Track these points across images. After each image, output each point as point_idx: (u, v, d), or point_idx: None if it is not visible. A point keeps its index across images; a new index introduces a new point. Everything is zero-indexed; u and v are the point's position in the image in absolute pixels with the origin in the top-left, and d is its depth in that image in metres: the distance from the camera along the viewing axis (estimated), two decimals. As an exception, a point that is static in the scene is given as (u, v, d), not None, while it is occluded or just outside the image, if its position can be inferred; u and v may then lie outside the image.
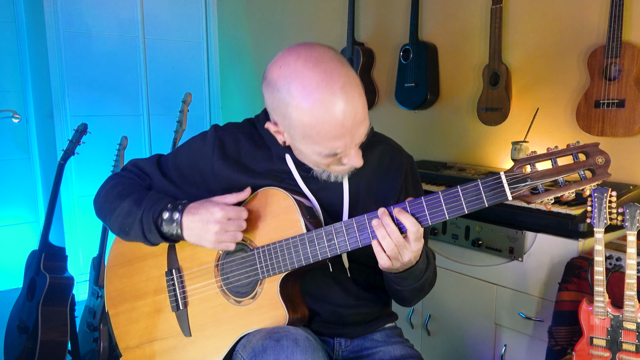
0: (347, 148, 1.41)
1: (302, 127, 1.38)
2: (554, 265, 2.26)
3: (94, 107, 4.47)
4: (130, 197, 1.55)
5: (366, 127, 1.42)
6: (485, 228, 2.49)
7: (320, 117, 1.34)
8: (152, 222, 1.49)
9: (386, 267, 1.41)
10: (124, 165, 1.75)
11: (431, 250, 1.67)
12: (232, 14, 4.95)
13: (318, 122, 1.35)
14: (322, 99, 1.33)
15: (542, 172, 1.30)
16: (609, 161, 1.29)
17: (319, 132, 1.37)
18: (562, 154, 1.30)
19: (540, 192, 1.31)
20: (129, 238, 1.57)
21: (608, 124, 2.45)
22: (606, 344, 1.91)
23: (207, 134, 1.65)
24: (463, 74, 3.16)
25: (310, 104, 1.34)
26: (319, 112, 1.34)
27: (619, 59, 2.39)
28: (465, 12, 3.12)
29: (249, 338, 1.44)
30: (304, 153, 1.49)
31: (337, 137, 1.37)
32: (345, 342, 1.66)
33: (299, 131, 1.40)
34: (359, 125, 1.39)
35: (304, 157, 1.51)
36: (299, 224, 1.46)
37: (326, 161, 1.46)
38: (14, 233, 4.46)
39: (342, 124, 1.35)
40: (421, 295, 1.62)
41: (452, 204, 1.34)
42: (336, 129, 1.36)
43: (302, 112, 1.35)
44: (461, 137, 3.21)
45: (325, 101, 1.33)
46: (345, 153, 1.44)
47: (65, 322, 2.95)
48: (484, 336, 2.54)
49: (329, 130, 1.36)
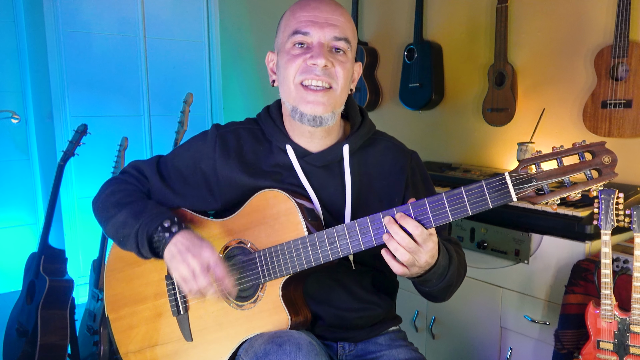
0: (315, 33, 1.49)
1: (283, 21, 1.56)
2: (561, 267, 2.25)
3: (94, 108, 4.47)
4: (128, 208, 1.55)
5: (340, 33, 1.51)
6: (491, 230, 2.48)
7: (300, 3, 1.53)
8: (146, 238, 1.48)
9: (402, 273, 1.40)
10: (124, 167, 1.75)
11: (454, 240, 1.66)
12: (234, 13, 4.96)
13: (296, 6, 1.53)
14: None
15: (548, 172, 1.28)
16: (615, 160, 1.27)
17: (294, 12, 1.52)
18: (567, 153, 1.28)
19: (545, 193, 1.29)
20: (124, 248, 1.57)
21: (615, 124, 2.44)
22: (613, 348, 1.91)
23: (208, 133, 1.65)
24: (468, 74, 3.16)
25: (296, 3, 1.54)
26: (300, 2, 1.54)
27: (626, 59, 2.38)
28: (470, 11, 3.12)
29: (251, 343, 1.42)
30: (281, 56, 1.56)
31: (308, 16, 1.50)
32: (348, 346, 1.65)
33: (281, 31, 1.56)
34: (333, 22, 1.50)
35: (281, 69, 1.56)
36: (300, 226, 1.44)
37: (295, 54, 1.51)
38: (13, 235, 4.45)
39: (316, 6, 1.50)
40: (453, 289, 1.60)
41: (456, 206, 1.33)
42: (309, 6, 1.51)
43: (287, 12, 1.56)
44: (466, 138, 3.21)
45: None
46: (312, 45, 1.50)
47: (65, 325, 2.95)
48: (490, 340, 2.53)
49: (303, 6, 1.51)
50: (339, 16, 1.51)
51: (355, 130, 1.62)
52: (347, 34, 1.51)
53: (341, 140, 1.62)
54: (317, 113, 1.49)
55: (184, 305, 1.58)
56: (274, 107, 1.66)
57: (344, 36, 1.50)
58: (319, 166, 1.57)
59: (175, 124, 3.23)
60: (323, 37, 1.49)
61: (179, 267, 1.42)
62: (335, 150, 1.58)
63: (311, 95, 1.49)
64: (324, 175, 1.57)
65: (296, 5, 1.54)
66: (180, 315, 1.58)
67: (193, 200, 1.62)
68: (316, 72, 1.47)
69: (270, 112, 1.65)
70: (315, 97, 1.49)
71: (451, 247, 1.57)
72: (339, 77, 1.50)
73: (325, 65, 1.47)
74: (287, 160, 1.57)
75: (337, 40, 1.50)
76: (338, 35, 1.49)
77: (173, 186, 1.64)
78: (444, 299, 1.63)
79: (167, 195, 1.63)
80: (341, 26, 1.50)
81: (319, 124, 1.51)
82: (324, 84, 1.49)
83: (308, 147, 1.58)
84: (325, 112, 1.50)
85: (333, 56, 1.50)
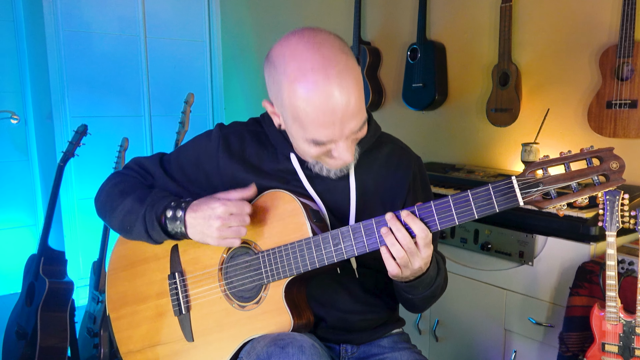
0: (336, 138, 1.37)
1: (293, 109, 1.35)
2: (565, 269, 2.24)
3: (94, 108, 4.47)
4: (133, 195, 1.54)
5: (359, 121, 1.38)
6: (495, 231, 2.47)
7: (311, 101, 1.31)
8: (155, 219, 1.47)
9: (395, 274, 1.40)
10: (126, 163, 1.74)
11: (441, 254, 1.66)
12: (236, 12, 4.96)
13: (308, 105, 1.32)
14: (315, 81, 1.30)
15: (555, 177, 1.29)
16: (623, 166, 1.27)
17: (307, 115, 1.33)
18: (575, 158, 1.29)
19: (552, 198, 1.30)
20: (131, 236, 1.56)
21: (620, 125, 2.43)
22: (618, 350, 1.90)
23: (212, 132, 1.64)
24: (472, 74, 3.15)
25: (303, 86, 1.31)
26: (310, 95, 1.31)
27: (631, 59, 2.36)
28: (474, 10, 3.11)
29: (253, 344, 1.42)
30: (294, 138, 1.46)
31: (326, 125, 1.34)
32: (351, 348, 1.65)
33: (289, 113, 1.37)
34: (350, 117, 1.35)
35: (295, 142, 1.49)
36: (304, 227, 1.44)
37: (315, 151, 1.41)
38: (12, 237, 4.45)
39: (332, 110, 1.32)
40: (432, 301, 1.61)
41: (462, 209, 1.33)
42: (325, 116, 1.32)
43: (294, 93, 1.33)
44: (470, 138, 3.20)
45: (318, 84, 1.30)
46: (334, 145, 1.40)
47: (65, 327, 2.95)
48: (493, 342, 2.52)
49: (318, 116, 1.33)
50: (354, 98, 1.34)
51: None
52: (364, 112, 1.40)
53: None
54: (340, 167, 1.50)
55: (185, 305, 1.57)
56: None
57: (363, 120, 1.40)
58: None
59: (176, 124, 3.23)
60: (346, 137, 1.39)
61: (210, 222, 1.42)
62: None
63: (332, 162, 1.47)
64: (328, 180, 1.55)
65: (307, 93, 1.32)
66: (181, 315, 1.58)
67: (197, 197, 1.58)
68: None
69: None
70: (335, 164, 1.47)
71: (440, 259, 1.59)
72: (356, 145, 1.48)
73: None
74: (290, 167, 1.56)
75: (356, 133, 1.41)
76: (360, 124, 1.39)
77: (178, 180, 1.64)
78: (422, 309, 1.65)
79: (172, 189, 1.62)
80: (358, 111, 1.37)
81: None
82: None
83: None
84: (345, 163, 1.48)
85: (354, 138, 1.43)
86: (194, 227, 1.45)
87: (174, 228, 1.47)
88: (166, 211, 1.47)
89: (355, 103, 1.34)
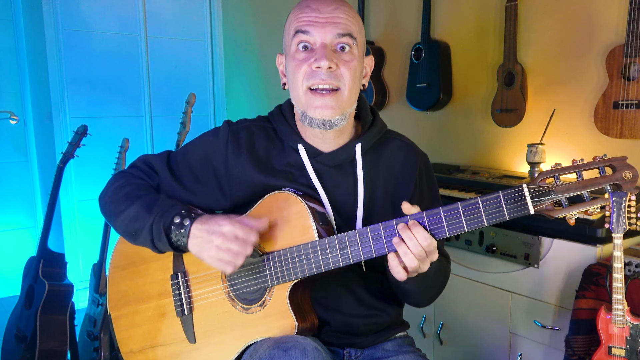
0: (317, 36, 1.47)
1: (287, 23, 1.53)
2: (571, 272, 2.24)
3: (94, 108, 4.46)
4: (140, 201, 1.53)
5: (342, 28, 1.48)
6: (500, 233, 2.47)
7: (298, 3, 1.52)
8: (163, 230, 1.46)
9: (402, 279, 1.40)
10: (133, 160, 1.73)
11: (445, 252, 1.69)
12: (238, 12, 4.97)
13: (296, 6, 1.51)
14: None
15: (567, 185, 1.29)
16: (637, 176, 1.28)
17: (294, 12, 1.51)
18: (587, 167, 1.30)
19: (563, 207, 1.30)
20: (135, 243, 1.55)
21: (627, 125, 2.42)
22: (625, 354, 1.89)
23: (220, 129, 1.64)
24: (477, 74, 3.15)
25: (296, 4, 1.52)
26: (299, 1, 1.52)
27: (638, 58, 2.36)
28: (479, 9, 3.11)
29: (255, 347, 1.41)
30: (291, 72, 1.52)
31: (307, 11, 1.48)
32: (355, 352, 1.64)
33: (286, 32, 1.53)
34: (332, 10, 1.48)
35: (291, 80, 1.54)
36: (311, 230, 1.44)
37: (301, 56, 1.49)
38: (11, 238, 4.46)
39: (315, 5, 1.48)
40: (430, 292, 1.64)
41: (472, 216, 1.34)
42: (308, 4, 1.49)
43: (290, 14, 1.53)
44: (475, 139, 3.20)
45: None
46: (315, 47, 1.48)
47: (65, 331, 2.94)
48: (499, 345, 2.51)
49: (302, 6, 1.49)
50: (341, 13, 1.49)
51: (366, 130, 1.61)
52: (350, 29, 1.49)
53: (353, 139, 1.61)
54: (326, 117, 1.48)
55: (188, 306, 1.57)
56: (286, 106, 1.65)
57: (347, 32, 1.48)
58: (331, 166, 1.57)
59: (177, 124, 3.23)
60: (325, 36, 1.47)
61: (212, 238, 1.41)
62: (348, 150, 1.57)
63: (318, 100, 1.48)
64: (335, 175, 1.57)
65: (298, 5, 1.52)
66: (184, 316, 1.57)
67: (203, 197, 1.61)
68: (321, 76, 1.46)
69: (282, 111, 1.64)
70: (322, 101, 1.47)
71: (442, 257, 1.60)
72: (345, 77, 1.48)
73: (329, 67, 1.45)
74: (299, 160, 1.57)
75: (340, 37, 1.47)
76: (341, 31, 1.47)
77: (183, 182, 1.63)
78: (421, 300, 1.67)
79: (177, 191, 1.62)
80: (343, 22, 1.48)
81: (329, 127, 1.50)
82: (330, 86, 1.47)
83: (320, 147, 1.58)
84: (334, 116, 1.48)
85: (337, 56, 1.48)
86: (196, 238, 1.44)
87: (177, 236, 1.46)
88: (174, 218, 1.46)
89: (341, 13, 1.48)
